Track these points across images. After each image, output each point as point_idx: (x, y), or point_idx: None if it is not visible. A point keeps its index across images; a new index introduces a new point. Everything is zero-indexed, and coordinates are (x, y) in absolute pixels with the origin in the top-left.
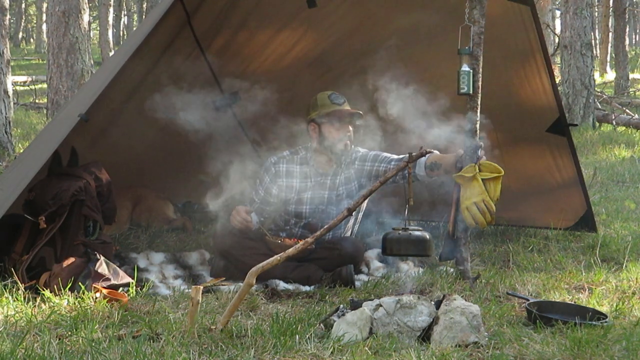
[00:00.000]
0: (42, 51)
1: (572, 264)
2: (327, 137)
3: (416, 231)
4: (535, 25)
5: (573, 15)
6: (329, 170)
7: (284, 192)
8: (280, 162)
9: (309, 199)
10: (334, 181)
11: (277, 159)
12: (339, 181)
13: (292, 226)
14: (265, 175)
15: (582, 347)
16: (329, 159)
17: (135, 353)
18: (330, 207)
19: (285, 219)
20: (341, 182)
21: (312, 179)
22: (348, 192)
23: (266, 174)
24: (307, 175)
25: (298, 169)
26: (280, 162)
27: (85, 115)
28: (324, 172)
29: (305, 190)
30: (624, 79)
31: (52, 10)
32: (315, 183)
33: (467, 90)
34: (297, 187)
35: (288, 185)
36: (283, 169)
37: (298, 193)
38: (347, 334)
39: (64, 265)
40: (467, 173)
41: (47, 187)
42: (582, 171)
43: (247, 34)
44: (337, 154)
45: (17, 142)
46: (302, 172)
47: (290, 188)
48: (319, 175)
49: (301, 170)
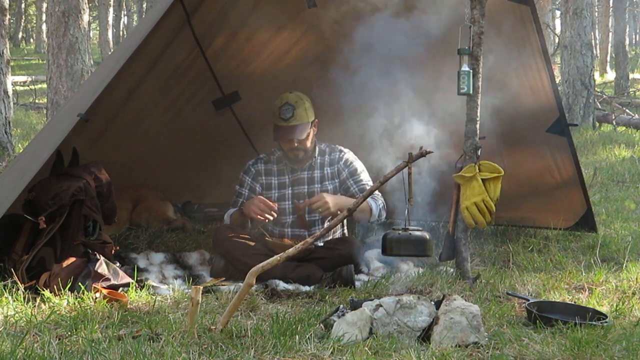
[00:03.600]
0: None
1: (572, 264)
2: (280, 145)
3: (416, 231)
4: (535, 25)
5: (573, 15)
6: (303, 165)
7: (265, 190)
8: (258, 162)
9: (289, 194)
10: (312, 175)
11: (255, 160)
12: (318, 175)
13: (281, 225)
14: (245, 177)
15: (582, 347)
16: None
17: (135, 353)
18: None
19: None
20: (325, 177)
21: (289, 175)
22: (335, 187)
23: (246, 175)
24: (284, 173)
25: (275, 167)
26: (258, 163)
27: (85, 115)
28: (299, 168)
29: (284, 187)
30: (624, 79)
31: (52, 10)
32: (293, 179)
33: (467, 90)
34: (275, 184)
35: (267, 184)
36: (261, 169)
37: (278, 190)
38: (347, 334)
39: (64, 265)
40: (467, 173)
41: (47, 187)
42: (582, 171)
43: (247, 34)
44: (291, 159)
45: (17, 142)
46: (279, 170)
47: (269, 186)
48: (294, 171)
49: (278, 169)
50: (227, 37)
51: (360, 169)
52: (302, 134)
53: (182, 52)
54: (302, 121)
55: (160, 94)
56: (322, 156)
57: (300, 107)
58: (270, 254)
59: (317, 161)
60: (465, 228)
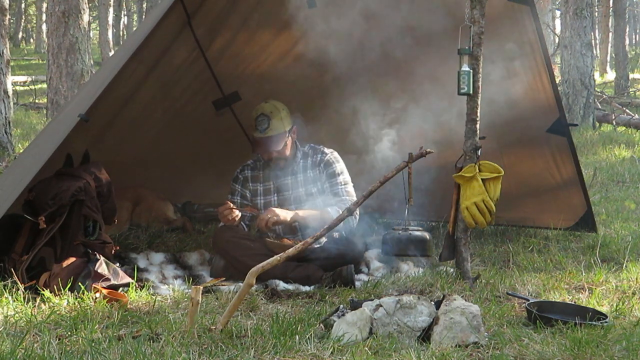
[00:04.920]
0: (42, 51)
1: (572, 264)
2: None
3: (416, 231)
4: (535, 25)
5: (573, 15)
6: (286, 171)
7: (252, 196)
8: (245, 169)
9: (275, 200)
10: (295, 179)
11: (242, 168)
12: (301, 179)
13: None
14: (235, 185)
15: (582, 347)
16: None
17: (135, 353)
18: (298, 205)
19: None
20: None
21: (274, 181)
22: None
23: (236, 184)
24: (269, 179)
25: (261, 174)
26: (245, 170)
27: (85, 115)
28: (282, 174)
29: (270, 194)
30: (624, 79)
31: (52, 10)
32: (278, 185)
33: (467, 90)
34: (261, 190)
35: (254, 190)
36: (248, 175)
37: (264, 196)
38: (347, 334)
39: (64, 266)
40: (467, 173)
41: (47, 187)
42: (582, 171)
43: (247, 35)
44: (272, 166)
45: (17, 142)
46: (264, 176)
47: (255, 192)
48: (278, 177)
49: (264, 175)
50: (227, 38)
51: (339, 170)
52: (279, 145)
53: (183, 52)
54: (278, 131)
55: (161, 94)
56: (305, 159)
57: (276, 117)
58: (270, 254)
59: (300, 165)
60: (465, 228)
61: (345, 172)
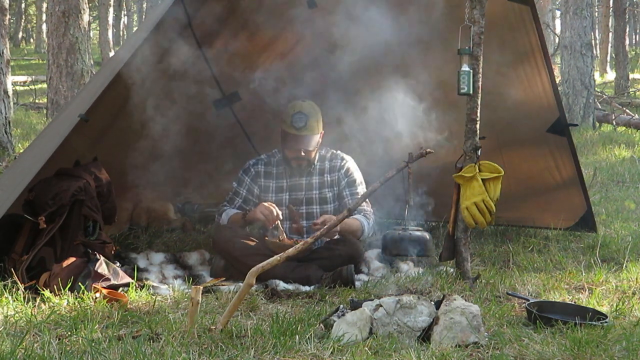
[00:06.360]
0: (42, 51)
1: (572, 264)
2: (284, 152)
3: (416, 231)
4: (535, 25)
5: (573, 15)
6: (303, 172)
7: (262, 192)
8: (258, 163)
9: (286, 199)
10: (310, 181)
11: (256, 161)
12: (316, 182)
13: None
14: (244, 177)
15: (582, 347)
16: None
17: (135, 353)
18: (309, 207)
19: None
20: (324, 184)
21: (287, 180)
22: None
23: (245, 175)
24: (282, 177)
25: (275, 170)
26: (258, 164)
27: (85, 115)
28: (297, 173)
29: (282, 192)
30: (624, 79)
31: (52, 10)
32: (291, 184)
33: (467, 90)
34: (273, 187)
35: (265, 186)
36: (261, 170)
37: (275, 194)
38: (347, 334)
39: (64, 265)
40: (467, 173)
41: (47, 187)
42: (582, 171)
43: (247, 35)
44: (292, 167)
45: (17, 142)
46: (278, 173)
47: (267, 189)
48: (292, 176)
49: (277, 172)
50: (228, 38)
51: (359, 180)
52: (311, 145)
53: (183, 52)
54: (313, 132)
55: (161, 94)
56: (322, 162)
57: (313, 118)
58: (270, 254)
59: (317, 167)
60: (465, 228)
61: (363, 182)
